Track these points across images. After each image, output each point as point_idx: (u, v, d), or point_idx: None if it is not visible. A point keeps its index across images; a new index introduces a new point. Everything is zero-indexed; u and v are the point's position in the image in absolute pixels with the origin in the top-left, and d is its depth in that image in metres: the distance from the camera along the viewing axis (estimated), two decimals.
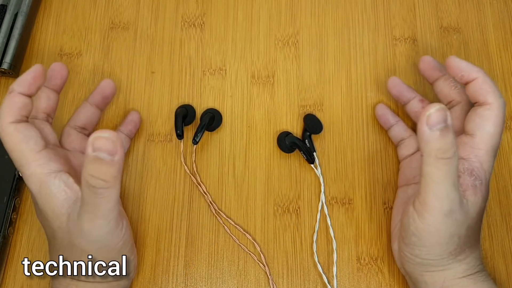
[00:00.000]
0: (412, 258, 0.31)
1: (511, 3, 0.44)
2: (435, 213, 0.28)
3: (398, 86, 0.38)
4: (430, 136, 0.26)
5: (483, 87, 0.31)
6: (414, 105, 0.38)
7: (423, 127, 0.26)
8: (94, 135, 0.26)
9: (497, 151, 0.31)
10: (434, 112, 0.26)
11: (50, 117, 0.34)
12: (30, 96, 0.30)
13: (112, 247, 0.30)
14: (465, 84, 0.32)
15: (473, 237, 0.30)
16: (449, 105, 0.35)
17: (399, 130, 0.38)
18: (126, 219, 0.32)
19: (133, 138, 0.39)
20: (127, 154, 0.39)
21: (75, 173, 0.31)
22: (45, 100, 0.34)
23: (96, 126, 0.38)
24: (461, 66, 0.32)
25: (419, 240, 0.30)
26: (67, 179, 0.30)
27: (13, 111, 0.29)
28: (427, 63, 0.37)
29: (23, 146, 0.29)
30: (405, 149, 0.37)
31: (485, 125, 0.30)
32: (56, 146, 0.34)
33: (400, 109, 0.40)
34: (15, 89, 0.29)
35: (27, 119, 0.30)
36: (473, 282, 0.30)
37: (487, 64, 0.42)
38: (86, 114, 0.37)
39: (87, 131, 0.37)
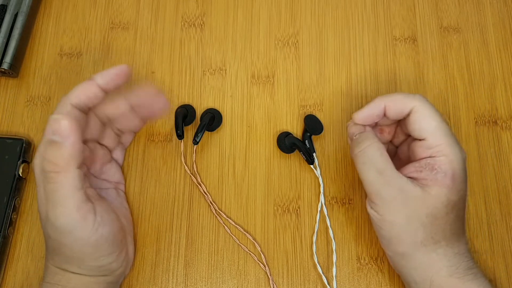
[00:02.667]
0: (392, 255, 0.32)
1: (511, 3, 0.44)
2: (379, 200, 0.31)
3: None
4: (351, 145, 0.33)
5: (397, 100, 0.32)
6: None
7: (349, 142, 0.34)
8: (52, 116, 0.27)
9: (454, 136, 0.31)
10: (350, 128, 0.34)
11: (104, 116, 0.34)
12: (105, 91, 0.31)
13: (85, 240, 0.29)
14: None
15: (448, 229, 0.30)
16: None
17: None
18: (111, 217, 0.32)
19: (137, 132, 0.39)
20: (128, 153, 0.39)
21: (85, 167, 0.33)
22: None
23: None
24: (365, 114, 0.34)
25: (387, 232, 0.31)
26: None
27: (81, 96, 0.30)
28: (360, 119, 0.34)
29: None
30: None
31: (426, 124, 0.31)
32: (94, 141, 0.34)
33: None
34: (96, 79, 0.31)
35: (88, 109, 0.31)
36: (461, 282, 0.30)
37: (487, 64, 0.42)
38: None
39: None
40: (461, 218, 0.32)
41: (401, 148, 0.36)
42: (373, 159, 0.31)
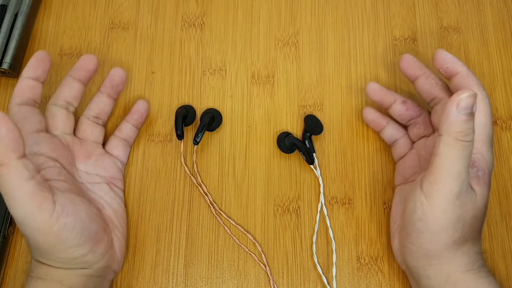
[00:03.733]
0: (415, 250, 0.31)
1: (511, 3, 0.44)
2: (446, 193, 0.28)
3: (379, 92, 0.37)
4: (456, 118, 0.27)
5: (467, 80, 0.32)
6: (398, 108, 0.37)
7: (452, 108, 0.27)
8: None
9: (492, 141, 0.31)
10: (465, 97, 0.27)
11: (70, 105, 0.36)
12: (37, 80, 0.33)
13: (46, 231, 0.28)
14: (448, 79, 0.33)
15: (477, 229, 0.31)
16: (432, 103, 0.35)
17: (391, 131, 0.38)
18: (79, 207, 0.30)
19: (140, 127, 0.39)
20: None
21: (66, 161, 0.34)
22: (67, 89, 0.36)
23: (110, 115, 0.39)
24: (447, 58, 0.33)
25: (425, 225, 0.29)
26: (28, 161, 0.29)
27: (20, 93, 0.33)
28: (407, 61, 0.36)
29: (19, 125, 0.30)
30: (400, 149, 0.37)
31: (476, 117, 0.31)
32: (66, 134, 0.35)
33: None
34: (23, 74, 0.33)
35: (34, 102, 0.33)
36: (475, 278, 0.30)
37: (487, 64, 0.42)
38: (98, 104, 0.37)
39: (100, 121, 0.37)
40: (485, 217, 0.32)
41: (418, 144, 0.36)
42: (469, 156, 0.28)
